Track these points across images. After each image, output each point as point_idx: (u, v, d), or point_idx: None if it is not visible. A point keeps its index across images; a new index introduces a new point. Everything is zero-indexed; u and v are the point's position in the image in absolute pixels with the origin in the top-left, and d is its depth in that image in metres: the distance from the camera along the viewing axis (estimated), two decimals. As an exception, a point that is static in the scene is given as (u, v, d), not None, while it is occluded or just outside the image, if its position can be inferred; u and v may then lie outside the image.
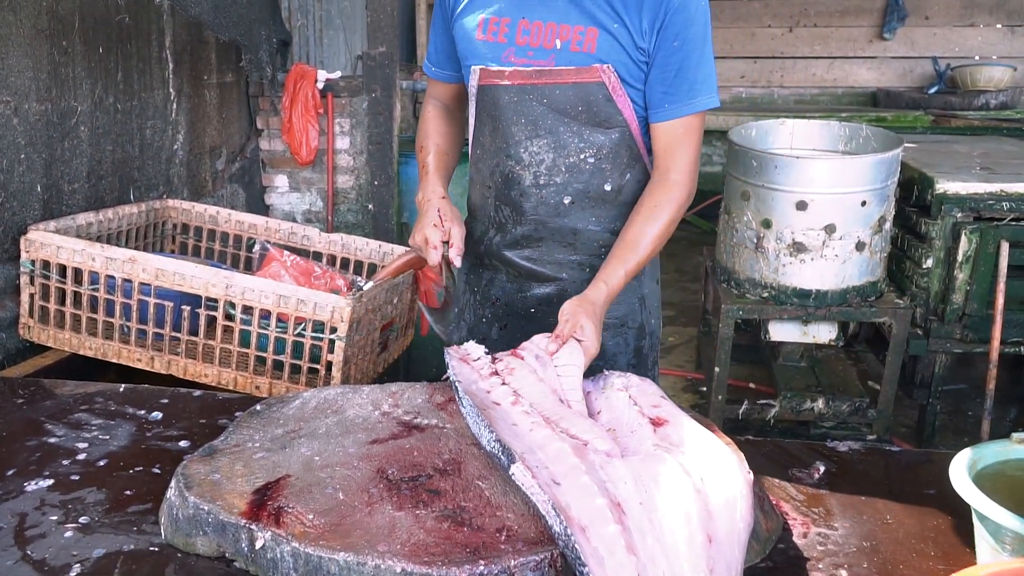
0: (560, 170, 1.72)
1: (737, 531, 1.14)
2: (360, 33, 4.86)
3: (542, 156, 1.72)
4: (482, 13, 1.68)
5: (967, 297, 3.24)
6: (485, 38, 1.68)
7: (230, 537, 1.14)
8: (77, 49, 2.60)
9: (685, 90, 1.62)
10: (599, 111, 1.66)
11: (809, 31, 6.87)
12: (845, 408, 3.28)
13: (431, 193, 1.76)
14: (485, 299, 1.89)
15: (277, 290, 2.15)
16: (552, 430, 1.26)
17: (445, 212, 1.70)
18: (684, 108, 1.63)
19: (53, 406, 1.66)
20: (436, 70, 1.89)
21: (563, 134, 1.69)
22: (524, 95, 1.68)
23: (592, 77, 1.62)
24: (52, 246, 2.22)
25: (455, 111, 1.95)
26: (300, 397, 1.52)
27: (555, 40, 1.63)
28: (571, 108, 1.66)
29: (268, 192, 4.15)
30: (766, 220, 3.07)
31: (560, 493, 1.10)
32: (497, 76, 1.69)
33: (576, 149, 1.70)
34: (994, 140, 4.49)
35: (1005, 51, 6.46)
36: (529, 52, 1.65)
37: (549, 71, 1.64)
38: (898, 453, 1.58)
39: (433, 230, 1.68)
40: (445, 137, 1.89)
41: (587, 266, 1.78)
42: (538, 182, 1.74)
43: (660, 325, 1.96)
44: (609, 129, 1.68)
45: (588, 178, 1.72)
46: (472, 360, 1.51)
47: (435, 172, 1.82)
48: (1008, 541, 0.99)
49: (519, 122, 1.71)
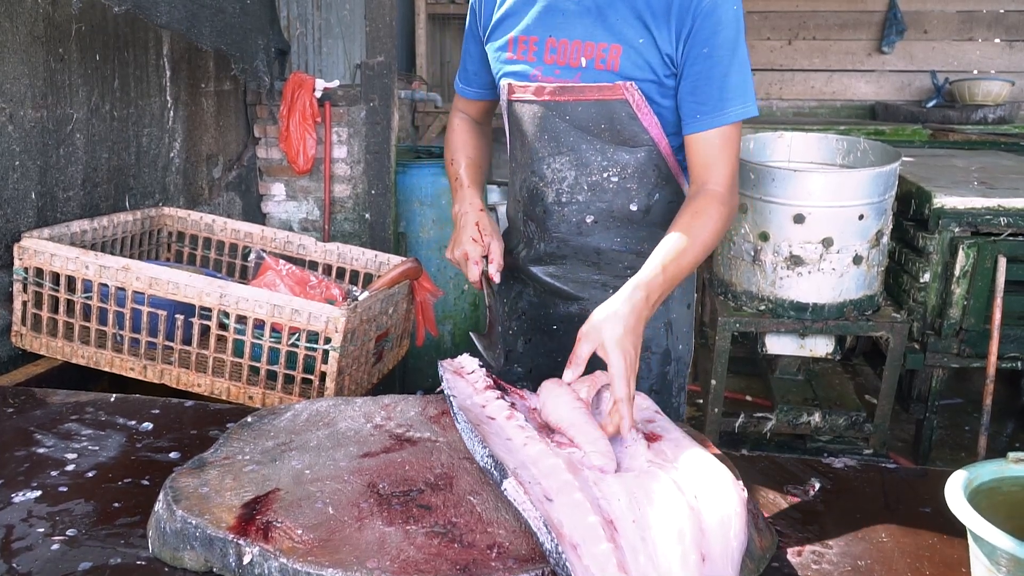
0: (582, 188, 1.69)
1: (731, 549, 1.13)
2: (359, 42, 4.86)
3: (564, 173, 1.69)
4: (512, 32, 1.67)
5: (964, 311, 3.24)
6: (515, 57, 1.67)
7: (218, 552, 1.12)
8: (73, 56, 2.59)
9: (716, 100, 1.55)
10: (623, 129, 1.62)
11: (808, 44, 6.89)
12: (842, 422, 3.28)
13: (468, 205, 1.73)
14: (513, 311, 1.87)
15: (271, 300, 2.14)
16: (546, 445, 1.25)
17: (484, 226, 1.67)
18: (716, 119, 1.56)
19: (43, 415, 1.65)
20: (463, 86, 1.88)
21: (585, 152, 1.66)
22: (547, 111, 1.66)
23: (615, 95, 1.59)
24: (45, 254, 2.21)
25: (483, 124, 1.93)
26: (292, 409, 1.50)
27: (580, 58, 1.60)
28: (594, 125, 1.63)
29: (265, 200, 4.14)
30: (763, 233, 3.06)
31: (552, 510, 1.09)
32: (522, 91, 1.68)
33: (599, 167, 1.66)
34: (992, 154, 4.50)
35: (1003, 65, 6.48)
36: (556, 71, 1.63)
37: (572, 87, 1.62)
38: (894, 470, 1.57)
39: (473, 244, 1.65)
40: (476, 149, 1.86)
41: (611, 287, 1.73)
42: (560, 199, 1.71)
43: (691, 351, 1.89)
44: (635, 148, 1.64)
45: (611, 197, 1.68)
46: (467, 373, 1.50)
47: (471, 184, 1.79)
48: (1003, 563, 0.98)
49: (542, 138, 1.69)
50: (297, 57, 4.79)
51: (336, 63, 4.99)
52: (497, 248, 1.66)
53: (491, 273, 1.64)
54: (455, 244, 1.70)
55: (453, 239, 1.72)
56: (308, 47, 4.83)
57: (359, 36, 4.94)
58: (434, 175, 4.05)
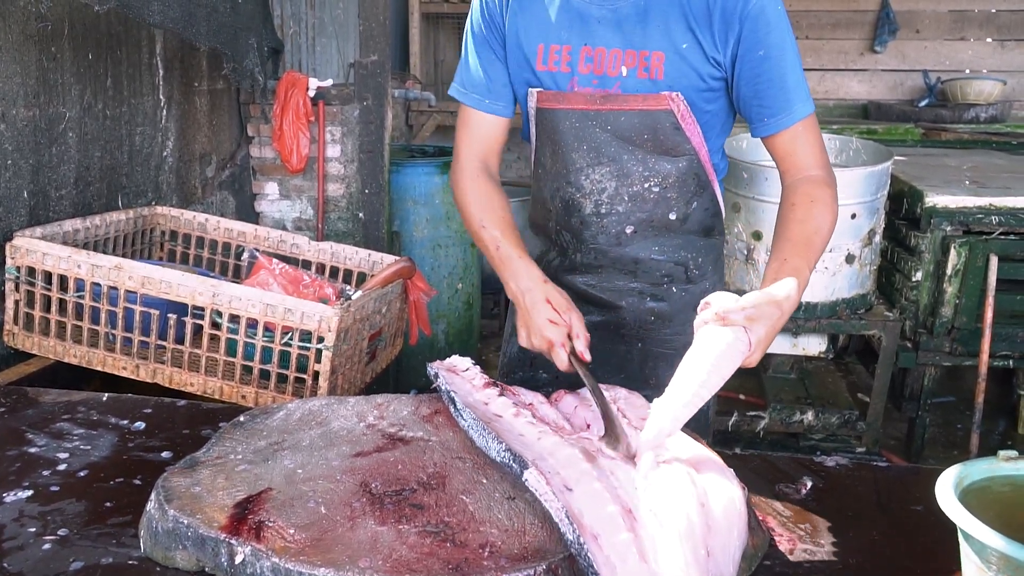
0: (623, 199, 1.63)
1: (733, 547, 1.13)
2: (353, 41, 4.85)
3: (604, 184, 1.63)
4: (541, 41, 1.60)
5: (956, 310, 3.25)
6: (547, 68, 1.60)
7: (210, 551, 1.12)
8: (66, 55, 2.59)
9: (782, 101, 1.53)
10: (666, 139, 1.58)
11: (801, 43, 6.84)
12: (834, 420, 3.29)
13: (530, 281, 1.55)
14: None
15: (264, 299, 2.14)
16: (560, 437, 1.26)
17: (558, 302, 1.52)
18: (784, 120, 1.54)
19: (35, 415, 1.65)
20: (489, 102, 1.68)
21: (627, 162, 1.61)
22: (587, 121, 1.59)
23: (660, 105, 1.54)
24: (38, 253, 2.21)
25: (494, 169, 1.74)
26: (284, 408, 1.50)
27: (620, 67, 1.54)
28: (636, 136, 1.58)
29: (258, 199, 4.13)
30: (756, 232, 3.07)
31: (573, 500, 1.10)
32: (556, 99, 1.60)
33: (640, 178, 1.62)
34: (984, 154, 4.51)
35: (995, 65, 6.49)
36: (594, 80, 1.57)
37: (615, 96, 1.56)
38: (886, 469, 1.57)
39: (553, 328, 1.48)
40: (504, 208, 1.66)
41: (648, 295, 1.71)
42: (599, 211, 1.65)
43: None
44: (676, 157, 1.60)
45: (652, 207, 1.64)
46: (461, 371, 1.50)
47: (520, 254, 1.59)
48: (994, 561, 0.98)
49: (580, 149, 1.62)
50: (291, 56, 4.78)
51: (330, 62, 4.98)
52: (579, 322, 1.50)
53: (580, 351, 1.47)
54: (531, 332, 1.52)
55: (523, 323, 1.55)
56: (302, 46, 4.83)
57: (353, 35, 4.94)
58: (428, 174, 4.04)
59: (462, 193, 1.69)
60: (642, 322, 1.74)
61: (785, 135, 1.56)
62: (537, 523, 1.14)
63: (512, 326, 1.84)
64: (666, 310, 1.73)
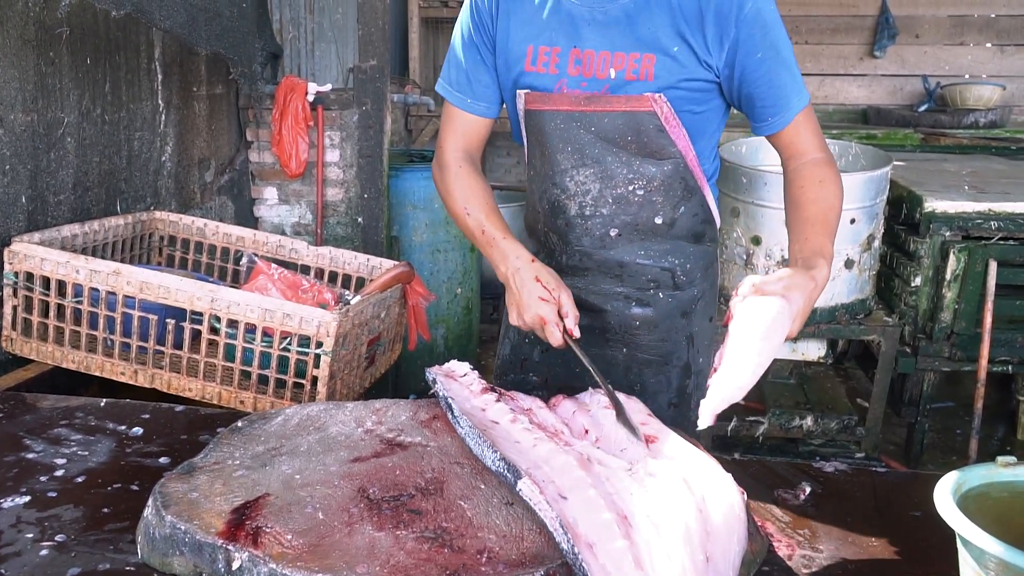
0: (607, 201, 1.64)
1: (732, 553, 1.13)
2: (352, 46, 4.86)
3: (588, 186, 1.63)
4: (530, 43, 1.60)
5: (955, 315, 3.24)
6: (535, 69, 1.60)
7: (207, 557, 1.12)
8: (64, 60, 2.59)
9: (783, 101, 1.55)
10: (650, 141, 1.58)
11: (800, 48, 6.90)
12: (833, 425, 3.28)
13: (517, 260, 1.56)
14: None
15: (263, 304, 2.14)
16: (556, 444, 1.25)
17: (547, 279, 1.53)
18: (784, 118, 1.56)
19: (33, 421, 1.64)
20: (471, 101, 1.70)
21: (611, 164, 1.61)
22: (571, 122, 1.59)
23: (642, 106, 1.54)
24: (36, 258, 2.20)
25: (478, 161, 1.75)
26: (283, 414, 1.50)
27: (609, 69, 1.55)
28: (620, 137, 1.58)
29: (257, 204, 4.14)
30: (755, 237, 3.07)
31: (567, 508, 1.10)
32: (542, 101, 1.60)
33: (624, 180, 1.62)
34: (983, 159, 4.51)
35: (995, 70, 6.50)
36: (582, 83, 1.57)
37: (598, 97, 1.56)
38: (884, 474, 1.57)
39: (544, 305, 1.50)
40: (488, 195, 1.69)
41: (633, 300, 1.71)
42: (583, 212, 1.66)
43: (711, 363, 1.85)
44: (661, 160, 1.60)
45: (637, 211, 1.64)
46: (459, 376, 1.50)
47: (505, 234, 1.61)
48: (992, 566, 0.98)
49: (565, 150, 1.63)
50: (290, 61, 4.79)
51: (329, 67, 4.99)
52: (568, 300, 1.51)
53: (570, 328, 1.49)
54: (521, 309, 1.54)
55: (514, 303, 1.56)
56: (301, 51, 4.83)
57: (352, 40, 4.94)
58: (427, 179, 4.04)
59: (445, 183, 1.71)
60: (627, 327, 1.73)
61: (787, 129, 1.59)
62: (535, 529, 1.14)
63: (506, 328, 1.84)
64: (651, 316, 1.72)
